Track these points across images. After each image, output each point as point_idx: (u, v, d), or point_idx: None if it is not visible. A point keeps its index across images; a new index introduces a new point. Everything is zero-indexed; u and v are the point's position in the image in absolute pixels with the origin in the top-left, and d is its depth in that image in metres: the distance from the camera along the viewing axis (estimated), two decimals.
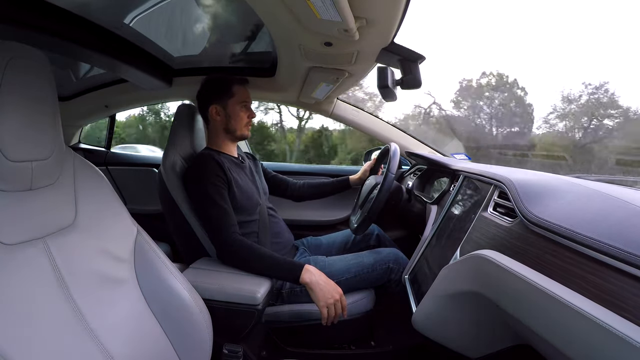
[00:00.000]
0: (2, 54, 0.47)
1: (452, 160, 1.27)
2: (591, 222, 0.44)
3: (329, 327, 0.97)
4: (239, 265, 0.91)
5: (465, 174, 0.92)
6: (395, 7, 0.61)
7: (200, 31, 1.13)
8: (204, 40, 1.16)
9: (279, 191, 1.36)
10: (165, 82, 1.30)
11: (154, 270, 0.65)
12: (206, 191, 0.95)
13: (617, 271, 0.37)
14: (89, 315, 0.52)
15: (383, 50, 0.83)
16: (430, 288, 0.70)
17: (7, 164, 0.47)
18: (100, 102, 1.57)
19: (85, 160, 0.65)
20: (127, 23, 1.00)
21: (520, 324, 0.48)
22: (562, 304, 0.38)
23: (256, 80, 1.25)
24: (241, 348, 0.84)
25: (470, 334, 0.67)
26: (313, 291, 0.86)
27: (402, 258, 1.09)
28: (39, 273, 0.49)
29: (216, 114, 1.08)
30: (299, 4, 0.59)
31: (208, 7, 1.01)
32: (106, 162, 1.79)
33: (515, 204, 0.58)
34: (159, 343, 0.62)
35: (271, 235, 1.10)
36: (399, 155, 1.10)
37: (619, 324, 0.33)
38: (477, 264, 0.55)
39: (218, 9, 1.01)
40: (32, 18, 0.83)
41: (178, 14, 1.04)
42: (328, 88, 1.16)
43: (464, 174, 0.93)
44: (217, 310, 0.77)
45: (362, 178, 1.34)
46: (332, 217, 1.61)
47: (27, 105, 0.49)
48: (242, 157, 1.18)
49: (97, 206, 0.62)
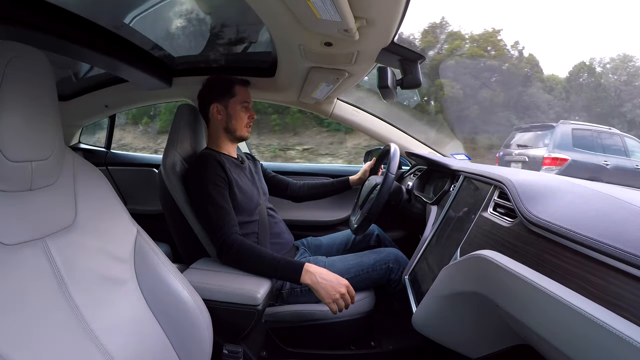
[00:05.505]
0: (2, 54, 0.47)
1: (452, 160, 1.27)
2: (591, 222, 0.44)
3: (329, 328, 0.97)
4: (239, 266, 0.91)
5: (465, 174, 0.92)
6: (395, 7, 0.61)
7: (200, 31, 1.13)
8: (204, 40, 1.16)
9: (278, 191, 1.36)
10: (165, 82, 1.30)
11: (154, 270, 0.65)
12: (207, 191, 0.95)
13: (617, 271, 0.37)
14: (89, 315, 0.52)
15: (383, 50, 0.83)
16: (430, 288, 0.70)
17: (7, 164, 0.47)
18: (100, 102, 1.57)
19: (85, 160, 0.65)
20: (127, 23, 1.00)
21: (520, 324, 0.48)
22: (561, 303, 0.38)
23: (256, 80, 1.25)
24: (241, 348, 0.84)
25: (470, 334, 0.67)
26: (316, 291, 0.86)
27: (402, 258, 1.09)
28: (38, 273, 0.49)
29: (217, 112, 1.08)
30: (299, 4, 0.59)
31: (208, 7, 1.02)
32: (106, 162, 1.79)
33: (515, 204, 0.58)
34: (159, 343, 0.62)
35: (271, 236, 1.10)
36: (399, 156, 1.10)
37: (619, 323, 0.33)
38: (477, 264, 0.55)
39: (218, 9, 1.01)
40: (32, 18, 0.83)
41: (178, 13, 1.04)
42: (328, 88, 1.16)
43: (464, 174, 0.93)
44: (217, 311, 0.77)
45: (362, 178, 1.34)
46: (332, 218, 1.61)
47: (27, 105, 0.49)
48: (241, 158, 1.18)
49: (97, 206, 0.62)
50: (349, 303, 0.88)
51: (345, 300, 0.87)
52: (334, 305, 0.85)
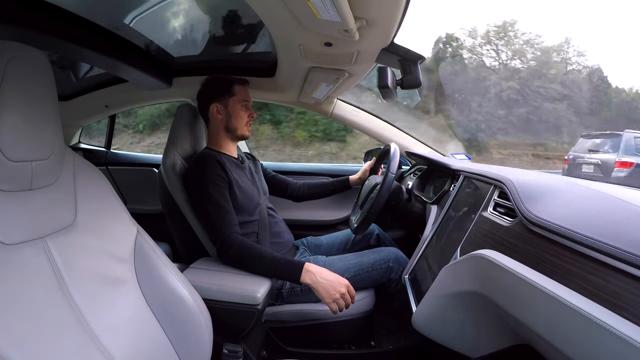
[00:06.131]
0: (2, 54, 0.47)
1: (452, 160, 1.27)
2: (591, 222, 0.44)
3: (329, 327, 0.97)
4: (239, 265, 0.91)
5: (465, 173, 0.92)
6: (395, 7, 0.61)
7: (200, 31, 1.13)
8: (204, 40, 1.16)
9: (278, 191, 1.36)
10: (165, 82, 1.30)
11: (154, 270, 0.65)
12: (207, 191, 0.95)
13: (617, 271, 0.37)
14: (89, 315, 0.52)
15: (383, 51, 0.83)
16: (430, 288, 0.70)
17: (7, 164, 0.47)
18: (100, 102, 1.57)
19: (85, 160, 0.65)
20: (127, 23, 1.00)
21: (520, 324, 0.48)
22: (561, 303, 0.38)
23: (256, 80, 1.25)
24: (241, 348, 0.84)
25: (470, 334, 0.67)
26: (316, 290, 0.86)
27: (402, 258, 1.09)
28: (38, 273, 0.49)
29: (217, 112, 1.08)
30: (299, 4, 0.59)
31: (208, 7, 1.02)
32: (106, 162, 1.79)
33: (515, 203, 0.58)
34: (159, 343, 0.62)
35: (271, 236, 1.10)
36: (399, 155, 1.10)
37: (619, 323, 0.33)
38: (477, 264, 0.55)
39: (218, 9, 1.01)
40: (32, 18, 0.83)
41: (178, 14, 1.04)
42: (328, 88, 1.16)
43: (464, 174, 0.93)
44: (217, 310, 0.77)
45: (362, 178, 1.34)
46: (332, 217, 1.61)
47: (27, 105, 0.49)
48: (242, 158, 1.18)
49: (97, 206, 0.62)
50: (349, 303, 0.88)
51: (345, 300, 0.87)
52: (334, 305, 0.85)
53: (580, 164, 5.57)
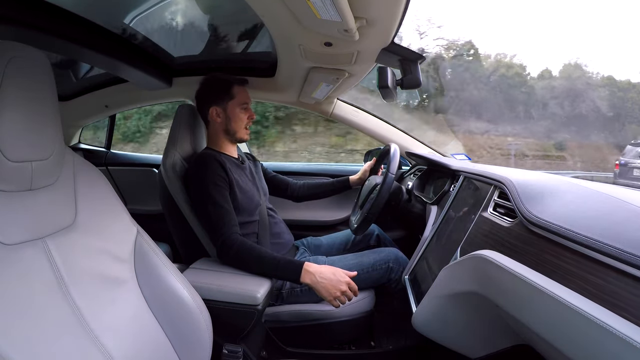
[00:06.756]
0: (2, 54, 0.47)
1: (452, 160, 1.27)
2: (591, 222, 0.44)
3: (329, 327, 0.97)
4: (239, 266, 0.91)
5: (465, 174, 0.92)
6: (395, 7, 0.61)
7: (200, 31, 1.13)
8: (204, 40, 1.16)
9: (279, 191, 1.36)
10: (165, 82, 1.30)
11: (154, 270, 0.65)
12: (208, 191, 0.95)
13: (617, 271, 0.37)
14: (89, 315, 0.52)
15: (383, 50, 0.83)
16: (430, 288, 0.70)
17: (7, 164, 0.47)
18: (100, 102, 1.57)
19: (85, 161, 0.65)
20: (127, 23, 1.00)
21: (520, 324, 0.48)
22: (561, 303, 0.38)
23: (256, 80, 1.25)
24: (241, 348, 0.84)
25: (470, 334, 0.67)
26: (317, 290, 0.87)
27: (402, 258, 1.09)
28: (38, 273, 0.49)
29: (216, 115, 1.08)
30: (299, 4, 0.59)
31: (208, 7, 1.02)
32: (106, 162, 1.79)
33: (515, 204, 0.58)
34: (159, 343, 0.62)
35: (271, 236, 1.10)
36: (399, 156, 1.10)
37: (619, 324, 0.33)
38: (477, 264, 0.55)
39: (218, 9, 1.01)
40: (32, 18, 0.83)
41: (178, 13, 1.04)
42: (328, 88, 1.16)
43: (464, 174, 0.93)
44: (217, 310, 0.77)
45: (362, 178, 1.34)
46: (332, 218, 1.61)
47: (27, 105, 0.49)
48: (242, 158, 1.18)
49: (97, 206, 0.62)
50: (352, 297, 0.89)
51: (347, 295, 0.87)
52: (336, 302, 0.86)
53: (631, 169, 6.06)
